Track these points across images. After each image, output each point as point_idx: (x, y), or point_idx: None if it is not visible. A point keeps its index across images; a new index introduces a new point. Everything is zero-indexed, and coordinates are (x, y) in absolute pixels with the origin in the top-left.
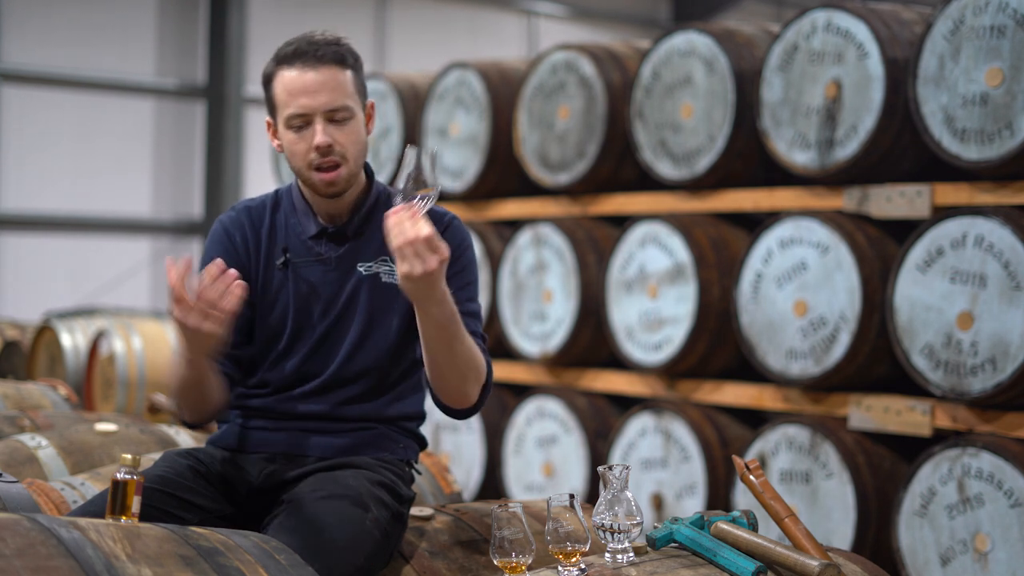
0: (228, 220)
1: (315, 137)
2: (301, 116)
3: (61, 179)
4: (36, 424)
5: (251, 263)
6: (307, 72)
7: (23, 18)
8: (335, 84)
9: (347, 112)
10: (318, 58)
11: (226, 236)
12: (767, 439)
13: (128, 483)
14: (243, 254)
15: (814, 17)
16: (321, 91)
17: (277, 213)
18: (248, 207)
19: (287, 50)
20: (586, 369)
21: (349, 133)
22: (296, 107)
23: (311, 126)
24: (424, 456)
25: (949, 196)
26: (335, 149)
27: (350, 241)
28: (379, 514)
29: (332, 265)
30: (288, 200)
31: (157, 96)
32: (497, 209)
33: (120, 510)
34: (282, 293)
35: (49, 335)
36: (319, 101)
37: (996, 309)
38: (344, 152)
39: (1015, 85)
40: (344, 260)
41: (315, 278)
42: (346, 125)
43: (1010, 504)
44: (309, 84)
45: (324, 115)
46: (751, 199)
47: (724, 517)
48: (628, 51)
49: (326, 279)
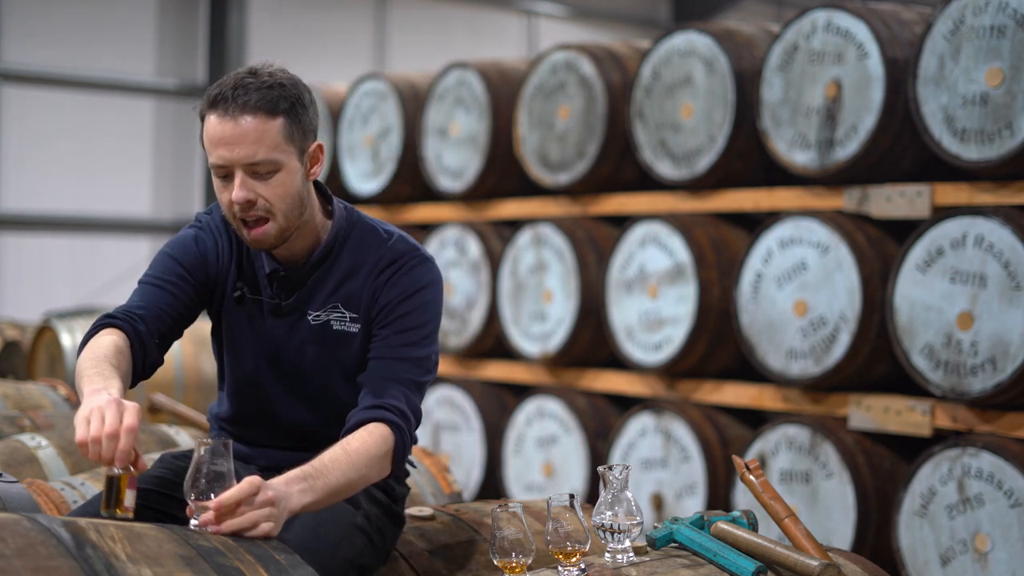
0: (206, 223)
1: (234, 194)
2: (221, 167)
3: (61, 179)
4: (36, 424)
5: (218, 268)
6: (226, 121)
7: (23, 18)
8: (256, 136)
9: (271, 165)
10: (240, 106)
11: (194, 243)
12: (767, 439)
13: (121, 478)
14: (211, 259)
15: (814, 17)
16: (240, 143)
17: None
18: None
19: (214, 92)
20: (586, 369)
21: (276, 187)
22: (215, 157)
23: (232, 178)
24: (424, 456)
25: (949, 196)
26: (258, 203)
27: (300, 289)
28: (370, 510)
29: (281, 312)
30: None
31: (157, 96)
32: (497, 209)
33: (115, 504)
34: (236, 323)
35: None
36: (236, 154)
37: (996, 309)
38: (270, 207)
39: (1015, 85)
40: (294, 309)
41: (267, 320)
42: (271, 179)
43: (1010, 504)
44: (227, 135)
45: (244, 168)
46: (751, 199)
47: (724, 517)
48: (628, 51)
49: (276, 324)
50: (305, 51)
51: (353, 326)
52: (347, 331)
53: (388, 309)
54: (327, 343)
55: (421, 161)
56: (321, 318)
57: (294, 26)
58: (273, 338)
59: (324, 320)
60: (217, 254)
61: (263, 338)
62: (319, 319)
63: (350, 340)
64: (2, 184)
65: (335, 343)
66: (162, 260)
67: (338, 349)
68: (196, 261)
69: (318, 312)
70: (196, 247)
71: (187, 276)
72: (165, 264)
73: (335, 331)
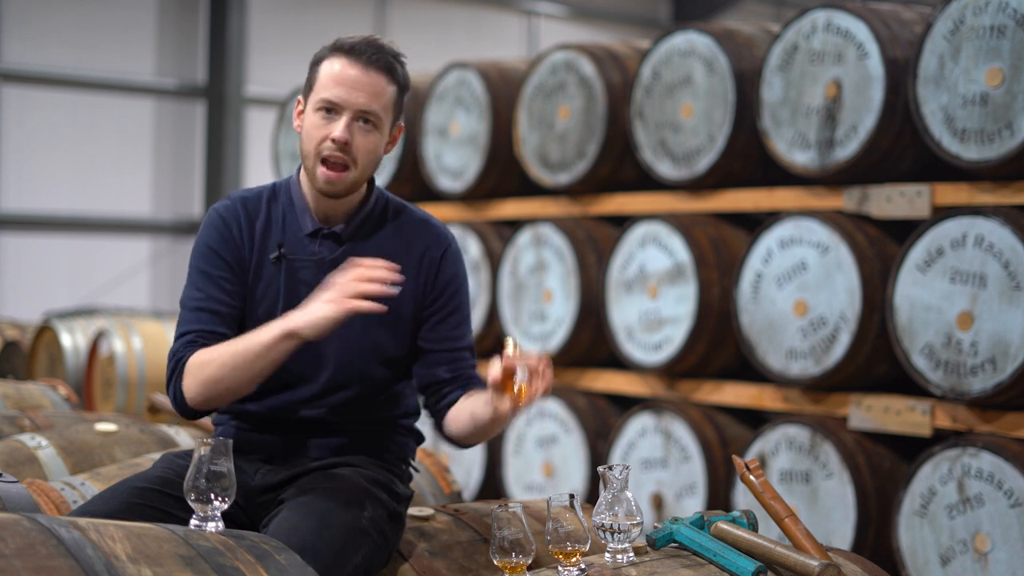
0: (224, 209)
1: (336, 130)
2: (333, 104)
3: (61, 179)
4: (36, 424)
5: (245, 254)
6: (356, 67)
7: (23, 18)
8: (377, 90)
9: (376, 120)
10: (373, 60)
11: (223, 224)
12: (767, 439)
13: None
14: (238, 244)
15: (814, 17)
16: (362, 90)
17: (274, 206)
18: (244, 198)
19: (347, 42)
20: (586, 369)
21: (368, 141)
22: (332, 93)
23: (338, 119)
24: (424, 456)
25: (949, 196)
26: (349, 150)
27: (346, 244)
28: (375, 512)
29: (327, 267)
30: (286, 195)
31: (157, 96)
32: (497, 209)
33: None
34: (272, 288)
35: (49, 335)
36: (355, 98)
37: (996, 309)
38: (356, 157)
39: (1015, 85)
40: (340, 263)
41: (308, 277)
42: (369, 133)
43: (1010, 504)
44: (353, 79)
45: (354, 113)
46: (751, 199)
47: (724, 517)
48: (628, 51)
49: (319, 279)
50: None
51: (394, 288)
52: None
53: (446, 294)
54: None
55: (421, 161)
56: None
57: (294, 26)
58: (311, 289)
59: None
60: (240, 229)
61: (301, 294)
62: None
63: (390, 302)
64: (2, 184)
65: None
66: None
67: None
68: (228, 246)
69: None
70: (226, 229)
71: (227, 270)
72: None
73: None
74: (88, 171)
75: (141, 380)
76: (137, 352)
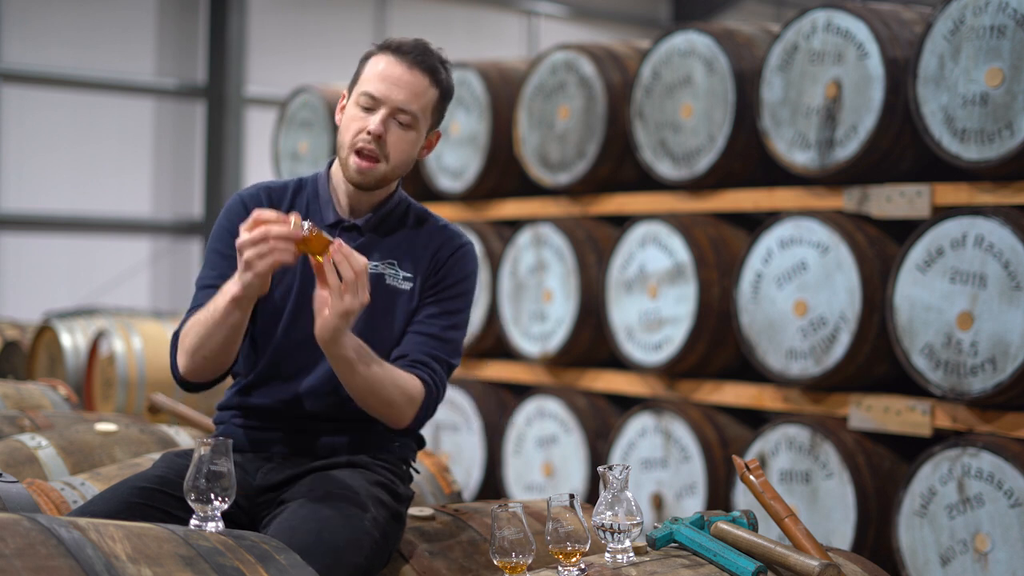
0: (247, 194)
1: (372, 123)
2: (373, 99)
3: (61, 179)
4: (36, 424)
5: None
6: (401, 65)
7: (23, 18)
8: (418, 90)
9: (412, 119)
10: (418, 61)
11: (243, 207)
12: (767, 439)
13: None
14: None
15: (814, 17)
16: (404, 88)
17: (298, 197)
18: (269, 187)
19: (396, 41)
20: (586, 369)
21: (402, 139)
22: (373, 88)
23: (375, 113)
24: (424, 456)
25: (949, 196)
26: (383, 144)
27: (364, 237)
28: (377, 513)
29: None
30: (312, 188)
31: (157, 96)
32: (497, 209)
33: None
34: (288, 274)
35: (49, 335)
36: (396, 95)
37: (996, 309)
38: (388, 152)
39: (1015, 85)
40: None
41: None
42: (405, 131)
43: (1010, 504)
44: (396, 76)
45: (392, 109)
46: (751, 199)
47: (724, 517)
48: (628, 51)
49: None
50: (305, 51)
51: (405, 284)
52: (398, 287)
53: (441, 287)
54: (377, 293)
55: (421, 161)
56: (379, 269)
57: (294, 26)
58: None
59: (380, 272)
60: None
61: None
62: (377, 269)
63: (396, 295)
64: (2, 184)
65: (387, 296)
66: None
67: (385, 299)
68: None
69: (376, 263)
70: (245, 212)
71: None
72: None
73: (387, 285)
74: (88, 171)
75: (141, 380)
76: (137, 352)
